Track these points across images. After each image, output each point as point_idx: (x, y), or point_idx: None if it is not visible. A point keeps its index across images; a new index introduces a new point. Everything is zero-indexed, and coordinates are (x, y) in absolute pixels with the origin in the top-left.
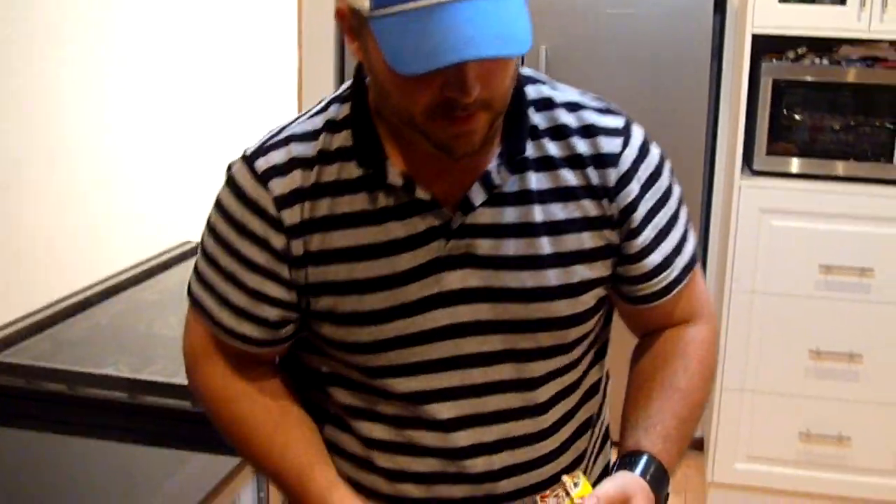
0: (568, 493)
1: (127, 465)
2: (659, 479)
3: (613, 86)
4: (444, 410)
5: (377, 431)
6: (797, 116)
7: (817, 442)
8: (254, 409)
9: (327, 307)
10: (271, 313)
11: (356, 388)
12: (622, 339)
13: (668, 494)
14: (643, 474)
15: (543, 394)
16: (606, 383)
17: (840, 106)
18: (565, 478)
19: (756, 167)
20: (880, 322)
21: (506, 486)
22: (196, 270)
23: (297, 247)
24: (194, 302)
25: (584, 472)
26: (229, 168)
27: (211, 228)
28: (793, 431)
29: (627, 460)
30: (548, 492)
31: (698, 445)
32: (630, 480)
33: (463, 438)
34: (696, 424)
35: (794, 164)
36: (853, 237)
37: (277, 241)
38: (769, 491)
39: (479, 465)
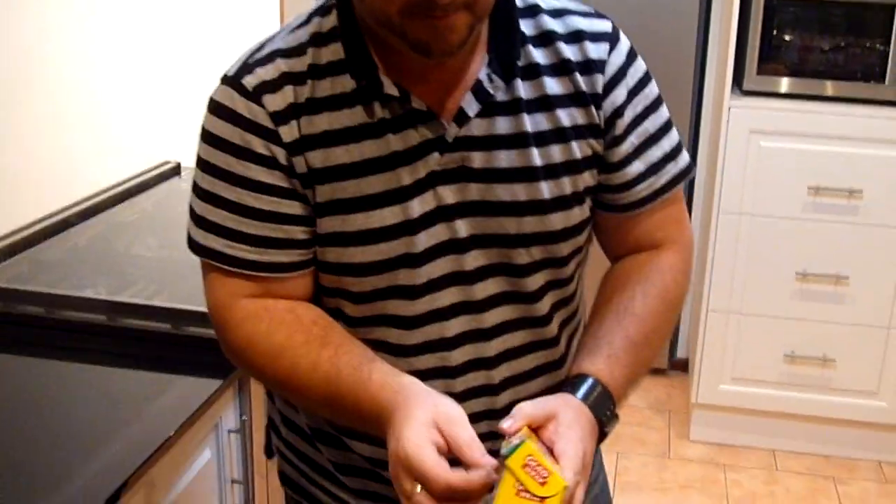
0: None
1: (108, 389)
2: (600, 402)
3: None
4: (445, 329)
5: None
6: (788, 36)
7: (802, 364)
8: (293, 335)
9: (335, 228)
10: (295, 232)
11: (350, 319)
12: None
13: (616, 416)
14: (584, 398)
15: (543, 305)
16: None
17: (831, 25)
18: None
19: (746, 87)
20: (867, 244)
21: (504, 399)
22: (195, 220)
23: (300, 164)
24: (203, 253)
25: None
26: (212, 98)
27: (204, 164)
28: (778, 353)
29: (569, 384)
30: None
31: (683, 367)
32: (554, 398)
33: (463, 355)
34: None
35: (785, 85)
36: (842, 158)
37: (282, 156)
38: (753, 412)
39: (479, 378)
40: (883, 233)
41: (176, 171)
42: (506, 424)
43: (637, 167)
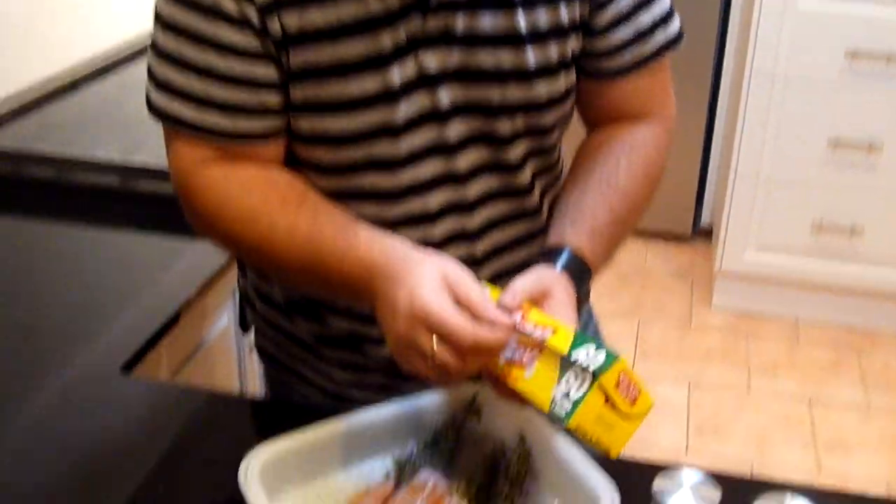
0: None
1: (121, 254)
2: (579, 275)
3: None
4: (426, 203)
5: None
6: None
7: (829, 232)
8: (268, 197)
9: (309, 95)
10: (268, 98)
11: (324, 194)
12: None
13: (588, 291)
14: (564, 269)
15: (525, 175)
16: None
17: None
18: None
19: None
20: None
21: (487, 272)
22: (156, 83)
23: (274, 26)
24: (168, 119)
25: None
26: None
27: (166, 23)
28: (805, 221)
29: (548, 254)
30: None
31: (706, 234)
32: (547, 273)
33: (445, 229)
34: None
35: None
36: (882, 22)
37: (254, 16)
38: (778, 281)
39: (461, 252)
40: None
41: None
42: (506, 300)
43: (624, 32)
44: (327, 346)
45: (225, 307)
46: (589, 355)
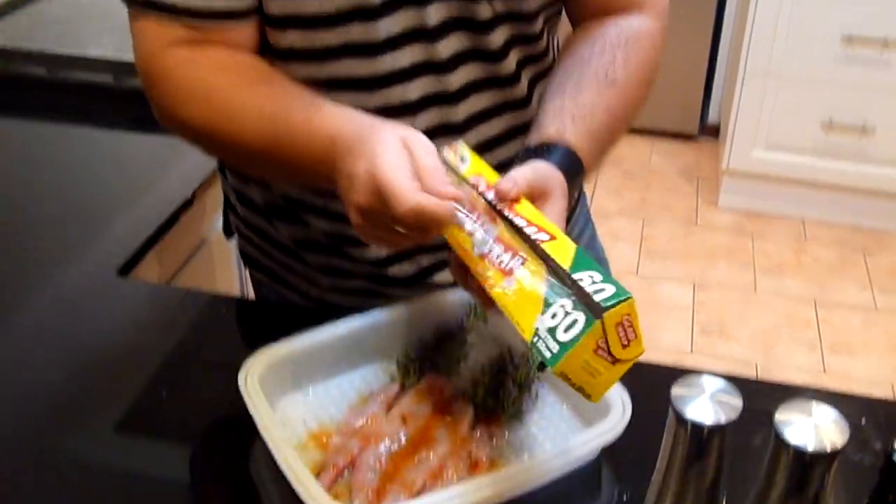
0: (455, 171)
1: (118, 155)
2: (573, 178)
3: None
4: (406, 92)
5: None
6: None
7: (840, 131)
8: (236, 78)
9: (290, 10)
10: None
11: (301, 82)
12: None
13: (575, 200)
14: (561, 168)
15: (510, 64)
16: None
17: None
18: (446, 153)
19: None
20: None
21: None
22: None
23: None
24: (132, 1)
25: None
26: None
27: None
28: (815, 120)
29: (544, 149)
30: None
31: (714, 132)
32: (549, 171)
33: (428, 120)
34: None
35: None
36: None
37: None
38: (785, 180)
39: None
40: None
41: None
42: (504, 186)
43: None
44: (309, 251)
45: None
46: (593, 283)
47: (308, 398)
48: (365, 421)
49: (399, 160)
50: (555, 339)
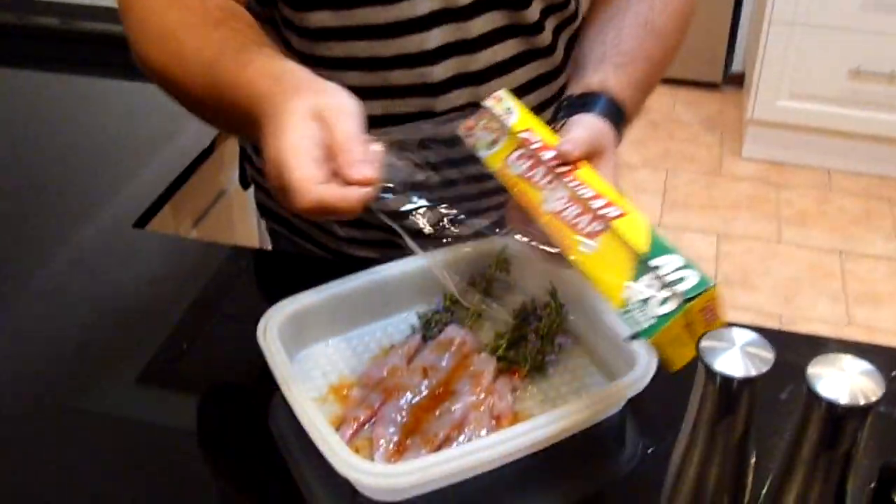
0: (503, 125)
1: (134, 105)
2: (619, 129)
3: None
4: (424, 40)
5: (350, 78)
6: None
7: (867, 80)
8: (189, 16)
9: None
10: None
11: (310, 32)
12: None
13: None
14: (607, 119)
15: (533, 12)
16: None
17: None
18: (489, 102)
19: None
20: None
21: None
22: None
23: None
24: None
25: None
26: None
27: None
28: (842, 68)
29: (588, 99)
30: (471, 121)
31: (737, 81)
32: (603, 127)
33: (447, 69)
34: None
35: None
36: None
37: None
38: (811, 129)
39: (465, 96)
40: None
41: None
42: (567, 149)
43: None
44: None
45: None
46: (674, 269)
47: (328, 350)
48: (386, 374)
49: (303, 141)
50: (645, 311)
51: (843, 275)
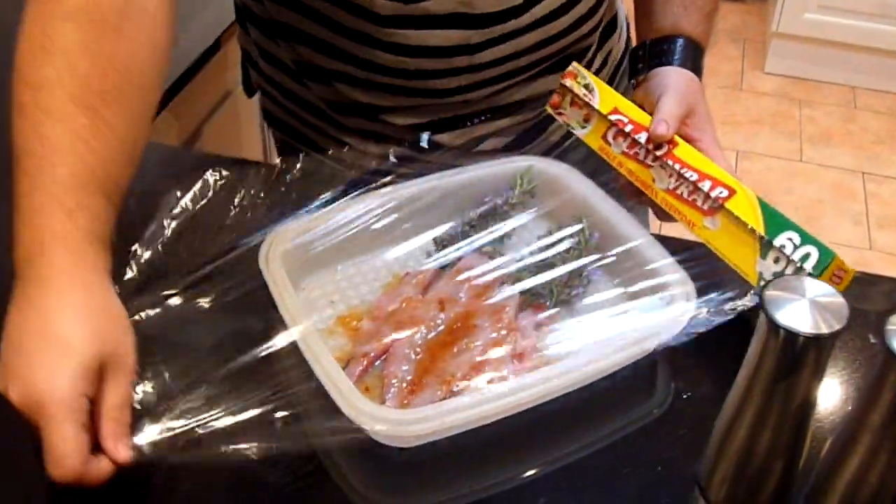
0: (588, 103)
1: None
2: (699, 67)
3: None
4: None
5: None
6: None
7: None
8: (58, 77)
9: None
10: None
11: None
12: None
13: None
14: (686, 65)
15: None
16: None
17: None
18: (567, 81)
19: None
20: None
21: (533, 38)
22: None
23: None
24: None
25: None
26: None
27: None
28: None
29: (664, 44)
30: (556, 97)
31: None
32: (688, 82)
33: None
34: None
35: None
36: None
37: None
38: (837, 44)
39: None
40: None
41: None
42: (661, 131)
43: None
44: (342, 114)
45: None
46: (795, 247)
47: (336, 278)
48: (399, 305)
49: (79, 401)
50: None
51: (866, 197)
